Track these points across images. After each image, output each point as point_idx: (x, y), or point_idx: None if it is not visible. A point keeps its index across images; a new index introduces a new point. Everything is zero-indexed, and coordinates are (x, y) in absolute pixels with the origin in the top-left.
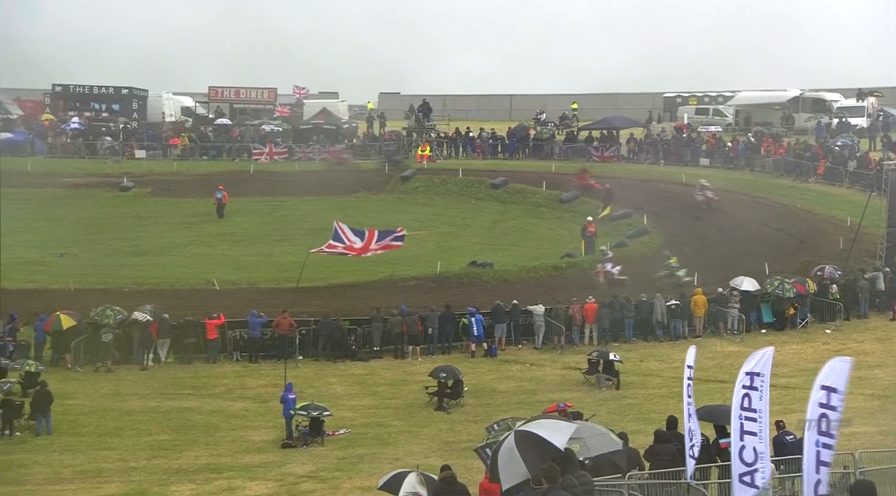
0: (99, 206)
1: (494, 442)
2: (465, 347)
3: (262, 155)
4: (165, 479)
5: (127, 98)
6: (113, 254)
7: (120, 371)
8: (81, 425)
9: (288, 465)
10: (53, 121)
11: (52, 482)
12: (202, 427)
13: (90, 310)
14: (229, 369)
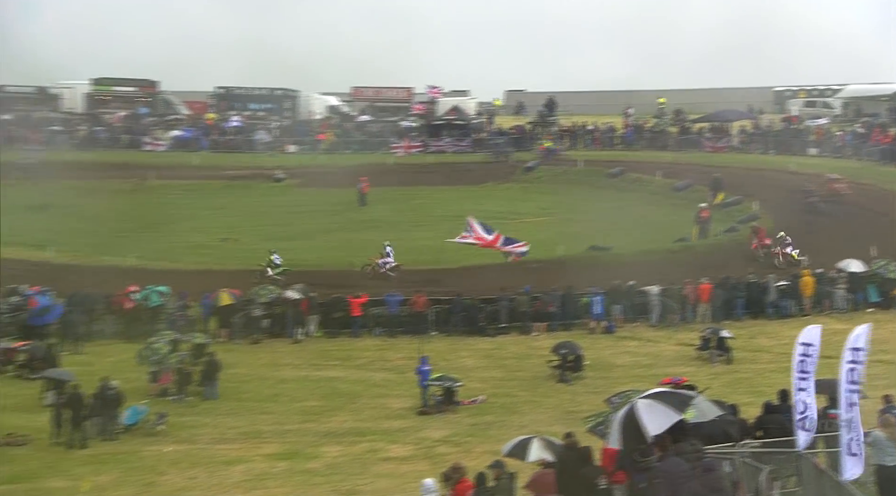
0: (255, 196)
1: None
2: (584, 325)
3: (400, 148)
4: (316, 441)
5: (280, 98)
6: (268, 238)
7: (274, 344)
8: (243, 392)
9: (424, 431)
10: (216, 119)
11: (218, 441)
12: (347, 394)
13: (249, 288)
14: (371, 343)
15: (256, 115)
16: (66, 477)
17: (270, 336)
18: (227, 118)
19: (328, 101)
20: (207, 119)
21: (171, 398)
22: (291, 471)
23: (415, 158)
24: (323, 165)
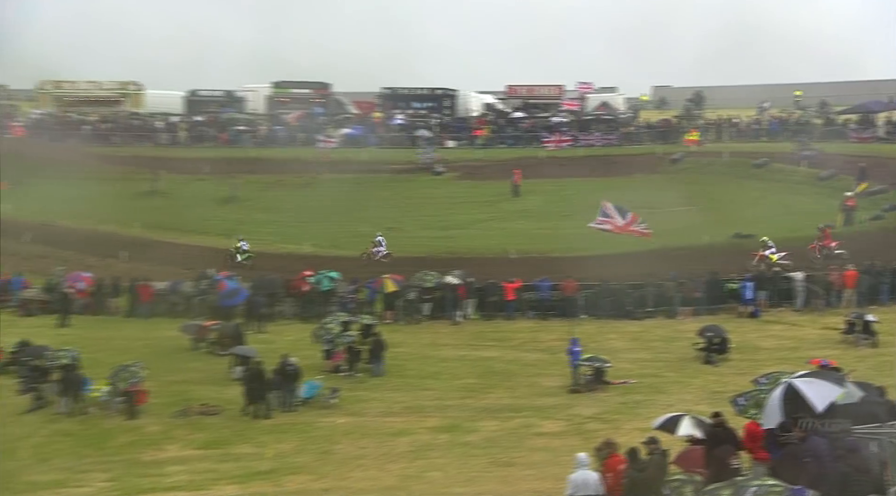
0: (417, 188)
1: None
2: (730, 309)
3: (551, 142)
4: (474, 416)
5: (441, 97)
6: (428, 228)
7: (435, 325)
8: (407, 369)
9: (575, 408)
10: (382, 117)
11: (385, 415)
12: (502, 373)
13: (412, 274)
14: (524, 325)
15: (418, 113)
16: (253, 444)
17: (431, 318)
18: (391, 116)
19: (484, 99)
20: (374, 117)
21: (343, 374)
22: (452, 443)
23: (565, 152)
24: (479, 159)
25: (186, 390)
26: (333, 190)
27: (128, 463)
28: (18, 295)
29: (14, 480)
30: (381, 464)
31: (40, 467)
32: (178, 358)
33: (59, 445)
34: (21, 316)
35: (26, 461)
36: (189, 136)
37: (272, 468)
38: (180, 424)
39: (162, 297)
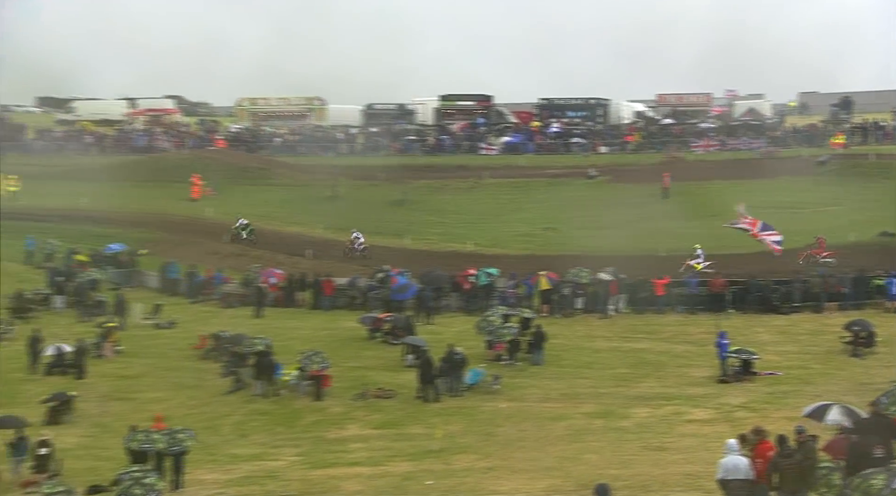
0: (571, 191)
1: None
2: (877, 305)
3: (699, 147)
4: (627, 403)
5: (594, 106)
6: (582, 228)
7: (587, 318)
8: (563, 359)
9: (723, 397)
10: (540, 126)
11: (543, 400)
12: (653, 364)
13: (566, 271)
14: (673, 319)
15: (573, 122)
16: (424, 425)
17: (584, 312)
18: (548, 125)
19: (635, 107)
20: (533, 126)
21: (504, 363)
22: (606, 427)
23: (713, 155)
24: (630, 163)
25: (364, 375)
26: (495, 193)
27: (315, 440)
28: (220, 289)
29: (218, 452)
30: (540, 445)
31: (240, 442)
32: (356, 346)
33: (255, 423)
34: (222, 308)
35: (228, 436)
36: (365, 145)
37: (442, 447)
38: (359, 406)
39: (342, 292)
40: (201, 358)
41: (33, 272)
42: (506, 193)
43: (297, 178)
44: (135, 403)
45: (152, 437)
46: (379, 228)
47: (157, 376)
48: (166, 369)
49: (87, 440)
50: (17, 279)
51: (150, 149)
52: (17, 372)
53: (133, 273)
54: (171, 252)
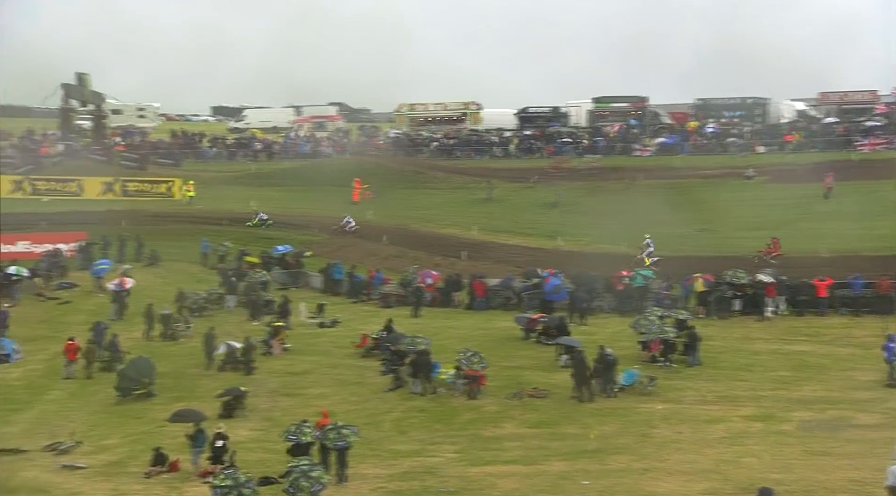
0: (728, 191)
1: None
2: None
3: (864, 146)
4: (787, 406)
5: (752, 106)
6: (739, 229)
7: (745, 320)
8: (719, 361)
9: (892, 402)
10: (697, 126)
11: (700, 403)
12: (815, 367)
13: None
14: (836, 321)
15: (730, 122)
16: (578, 425)
17: (741, 314)
18: (705, 125)
19: (796, 106)
20: (689, 127)
21: (659, 364)
22: (766, 431)
23: (879, 155)
24: (790, 163)
25: (519, 375)
26: (648, 194)
27: (471, 437)
28: (379, 289)
29: (379, 448)
30: (697, 448)
31: (400, 438)
32: (511, 346)
33: (414, 420)
34: (381, 307)
35: (389, 432)
36: (520, 148)
37: (597, 448)
38: (515, 405)
39: (496, 292)
40: (362, 356)
41: (208, 273)
42: (660, 195)
43: (452, 181)
44: (302, 399)
45: (301, 430)
46: (532, 230)
47: (321, 373)
48: (330, 366)
49: (258, 433)
50: (194, 279)
51: (314, 154)
52: (194, 367)
53: (299, 274)
54: (334, 253)
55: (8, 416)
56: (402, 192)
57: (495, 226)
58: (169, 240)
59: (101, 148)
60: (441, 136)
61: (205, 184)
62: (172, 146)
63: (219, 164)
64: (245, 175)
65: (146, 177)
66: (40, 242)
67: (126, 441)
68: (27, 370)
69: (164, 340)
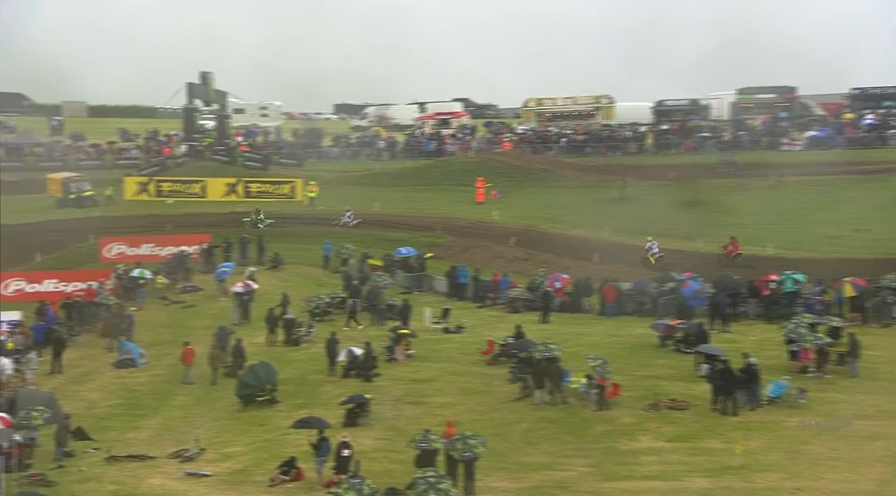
0: (888, 188)
1: None
2: None
3: None
4: None
5: None
6: None
7: None
8: (878, 372)
9: None
10: (853, 118)
11: (857, 417)
12: None
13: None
14: None
15: (891, 112)
16: (721, 439)
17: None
18: (862, 116)
19: None
20: (844, 118)
21: (811, 375)
22: None
23: None
24: None
25: (655, 385)
26: (798, 192)
27: (605, 451)
28: (506, 293)
29: (508, 460)
30: (855, 467)
31: (529, 450)
32: (646, 354)
33: (543, 431)
34: (508, 312)
35: (517, 443)
36: (655, 144)
37: (742, 464)
38: (651, 417)
39: (629, 297)
40: (488, 363)
41: (331, 276)
42: (811, 192)
43: (582, 180)
44: (426, 407)
45: (429, 437)
46: (668, 231)
47: (446, 381)
48: (455, 374)
49: (383, 443)
50: (317, 283)
51: (438, 152)
52: (316, 373)
53: (422, 277)
54: (459, 256)
55: (135, 422)
56: (529, 192)
57: (628, 227)
58: (291, 242)
59: (224, 148)
60: (571, 131)
61: (327, 184)
62: (295, 145)
63: (341, 164)
64: (367, 175)
65: (268, 177)
66: (165, 245)
67: (250, 449)
68: (152, 375)
69: (287, 345)
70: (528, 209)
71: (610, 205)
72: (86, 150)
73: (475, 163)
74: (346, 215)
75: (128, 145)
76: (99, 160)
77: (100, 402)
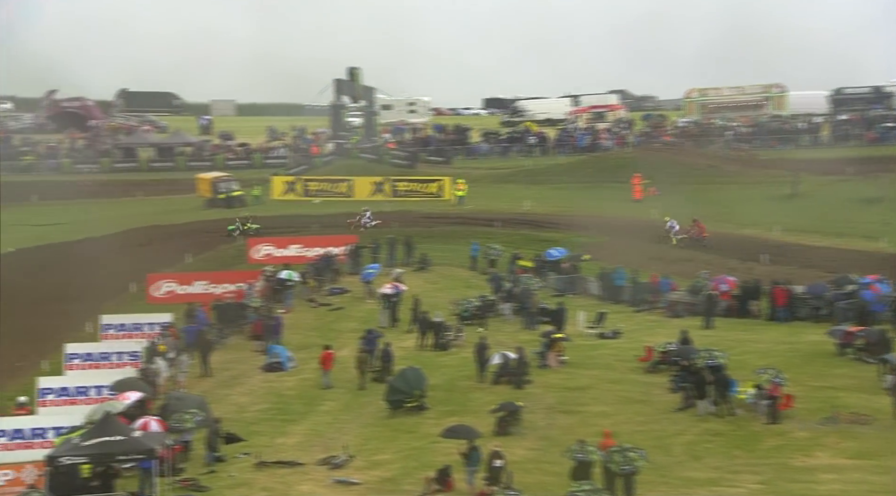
0: None
1: None
2: None
3: None
4: None
5: None
6: None
7: None
8: None
9: None
10: None
11: None
12: None
13: None
14: None
15: None
16: None
17: None
18: None
19: None
20: None
21: None
22: None
23: None
24: None
25: (833, 397)
26: None
27: (777, 467)
28: (666, 297)
29: (670, 475)
30: None
31: (693, 465)
32: (822, 363)
33: (709, 444)
34: (668, 317)
35: (680, 457)
36: (833, 135)
37: None
38: (829, 431)
39: (802, 301)
40: (648, 370)
41: (478, 278)
42: None
43: (750, 175)
44: (581, 417)
45: (587, 448)
46: (847, 230)
47: (602, 389)
48: (611, 382)
49: (535, 453)
50: (464, 285)
51: (592, 147)
52: (465, 380)
53: (576, 279)
54: (614, 257)
55: (284, 427)
56: (691, 188)
57: (802, 225)
58: (438, 242)
59: (371, 146)
60: (737, 123)
61: (475, 182)
62: (443, 142)
63: (490, 161)
64: (518, 172)
65: (416, 175)
66: (312, 246)
67: (399, 457)
68: (300, 379)
69: (435, 350)
70: (691, 207)
71: (781, 202)
72: (234, 150)
73: (632, 158)
74: (364, 215)
75: (275, 144)
76: (247, 159)
77: (249, 406)
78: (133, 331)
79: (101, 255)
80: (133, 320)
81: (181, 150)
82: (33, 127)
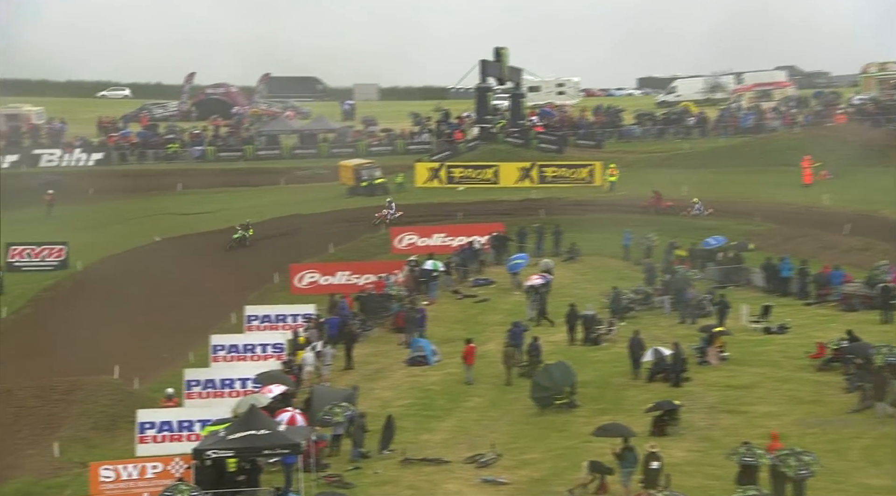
0: None
1: None
2: None
3: None
4: None
5: None
6: None
7: None
8: None
9: None
10: None
11: None
12: None
13: None
14: None
15: None
16: None
17: None
18: None
19: None
20: None
21: None
22: None
23: None
24: None
25: None
26: None
27: None
28: (839, 289)
29: (846, 481)
30: None
31: (872, 471)
32: None
33: (888, 449)
34: (841, 311)
35: (857, 462)
36: None
37: None
38: None
39: None
40: (819, 368)
41: (631, 268)
42: None
43: None
44: (745, 417)
45: (754, 451)
46: None
47: (768, 388)
48: (778, 380)
49: (696, 455)
50: (617, 276)
51: (757, 128)
52: (619, 376)
53: (738, 270)
54: (781, 246)
55: (429, 424)
56: (868, 172)
57: None
58: (588, 231)
59: (518, 130)
60: None
61: (628, 167)
62: (593, 125)
63: (645, 144)
64: (675, 155)
65: (565, 161)
66: (456, 235)
67: (549, 456)
68: (445, 374)
69: (586, 344)
70: (867, 192)
71: None
72: (377, 135)
73: (801, 139)
74: (390, 207)
75: (418, 129)
76: (390, 145)
77: (393, 401)
78: (277, 323)
79: (245, 246)
80: (277, 311)
81: (324, 136)
82: (178, 114)
